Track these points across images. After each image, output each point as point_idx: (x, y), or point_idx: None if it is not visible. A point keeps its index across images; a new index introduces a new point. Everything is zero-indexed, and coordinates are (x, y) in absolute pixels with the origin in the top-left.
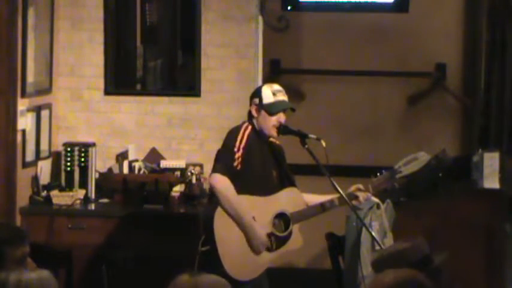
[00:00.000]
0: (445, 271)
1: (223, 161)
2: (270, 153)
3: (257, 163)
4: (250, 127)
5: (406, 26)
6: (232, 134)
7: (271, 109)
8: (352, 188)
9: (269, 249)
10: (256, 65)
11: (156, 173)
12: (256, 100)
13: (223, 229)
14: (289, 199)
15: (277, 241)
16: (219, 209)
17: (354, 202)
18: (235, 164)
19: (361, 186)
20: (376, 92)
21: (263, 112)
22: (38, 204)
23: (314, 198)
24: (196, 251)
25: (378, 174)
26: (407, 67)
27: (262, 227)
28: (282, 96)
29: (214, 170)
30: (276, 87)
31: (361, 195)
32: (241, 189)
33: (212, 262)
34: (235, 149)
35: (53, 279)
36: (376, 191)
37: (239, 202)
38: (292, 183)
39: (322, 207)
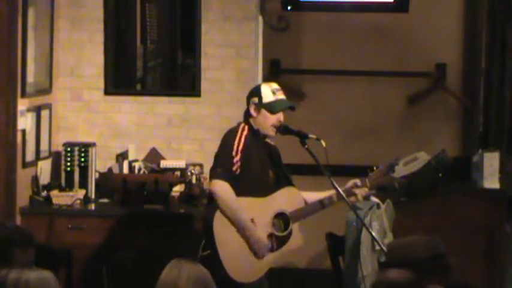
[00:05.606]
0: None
1: (222, 166)
2: (266, 154)
3: (255, 164)
4: (247, 128)
5: (406, 26)
6: (230, 137)
7: (274, 107)
8: (349, 183)
9: (270, 250)
10: (256, 65)
11: (156, 173)
12: (256, 99)
13: (223, 232)
14: (286, 198)
15: (277, 241)
16: (217, 213)
17: (352, 199)
18: (234, 168)
19: (358, 181)
20: (376, 92)
21: (263, 111)
22: (38, 204)
23: (312, 196)
24: (196, 252)
25: (375, 168)
26: (407, 67)
27: (262, 228)
28: (282, 95)
29: (214, 176)
30: (275, 86)
31: (359, 192)
32: (240, 191)
33: (213, 266)
34: (234, 153)
35: (54, 279)
36: (374, 185)
37: (240, 208)
38: (290, 183)
39: (321, 204)
